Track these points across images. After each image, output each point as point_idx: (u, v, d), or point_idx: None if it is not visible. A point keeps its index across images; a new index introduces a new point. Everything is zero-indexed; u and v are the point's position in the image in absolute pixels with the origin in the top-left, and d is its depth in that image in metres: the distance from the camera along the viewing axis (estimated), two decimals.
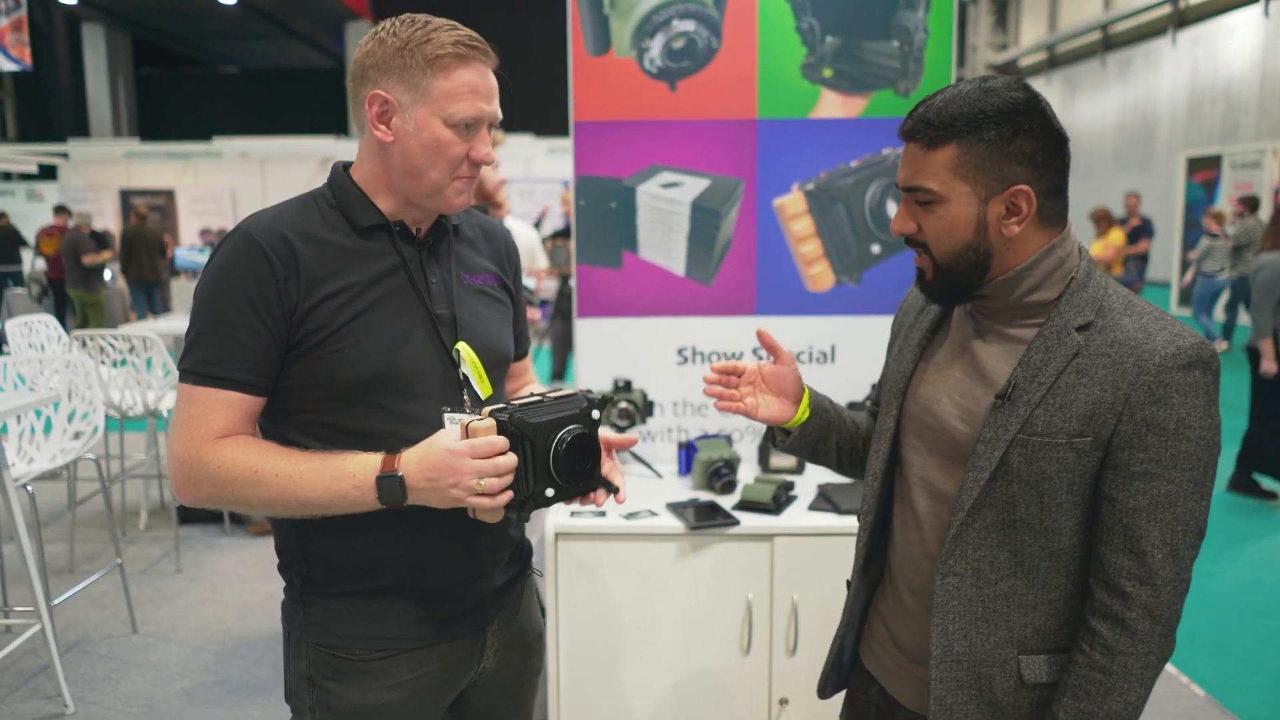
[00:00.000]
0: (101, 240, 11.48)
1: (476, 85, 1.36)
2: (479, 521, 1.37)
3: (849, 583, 1.56)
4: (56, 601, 3.45)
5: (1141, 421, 1.20)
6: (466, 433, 1.29)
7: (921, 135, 1.27)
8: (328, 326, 1.35)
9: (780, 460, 2.92)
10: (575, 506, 1.96)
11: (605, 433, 1.48)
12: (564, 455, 1.33)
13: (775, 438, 1.60)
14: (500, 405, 1.33)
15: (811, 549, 2.54)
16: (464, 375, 1.45)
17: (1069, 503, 1.26)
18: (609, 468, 1.46)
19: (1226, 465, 5.73)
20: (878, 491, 1.47)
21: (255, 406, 1.37)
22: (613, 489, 1.44)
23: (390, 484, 1.29)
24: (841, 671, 1.59)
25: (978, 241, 1.27)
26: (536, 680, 1.72)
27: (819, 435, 1.58)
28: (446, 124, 1.36)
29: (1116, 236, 9.27)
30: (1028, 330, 1.30)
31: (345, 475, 1.30)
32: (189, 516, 5.07)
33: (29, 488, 3.32)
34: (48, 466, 3.52)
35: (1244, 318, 12.27)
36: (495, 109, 1.40)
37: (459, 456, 1.26)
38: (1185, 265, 10.68)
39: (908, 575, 1.43)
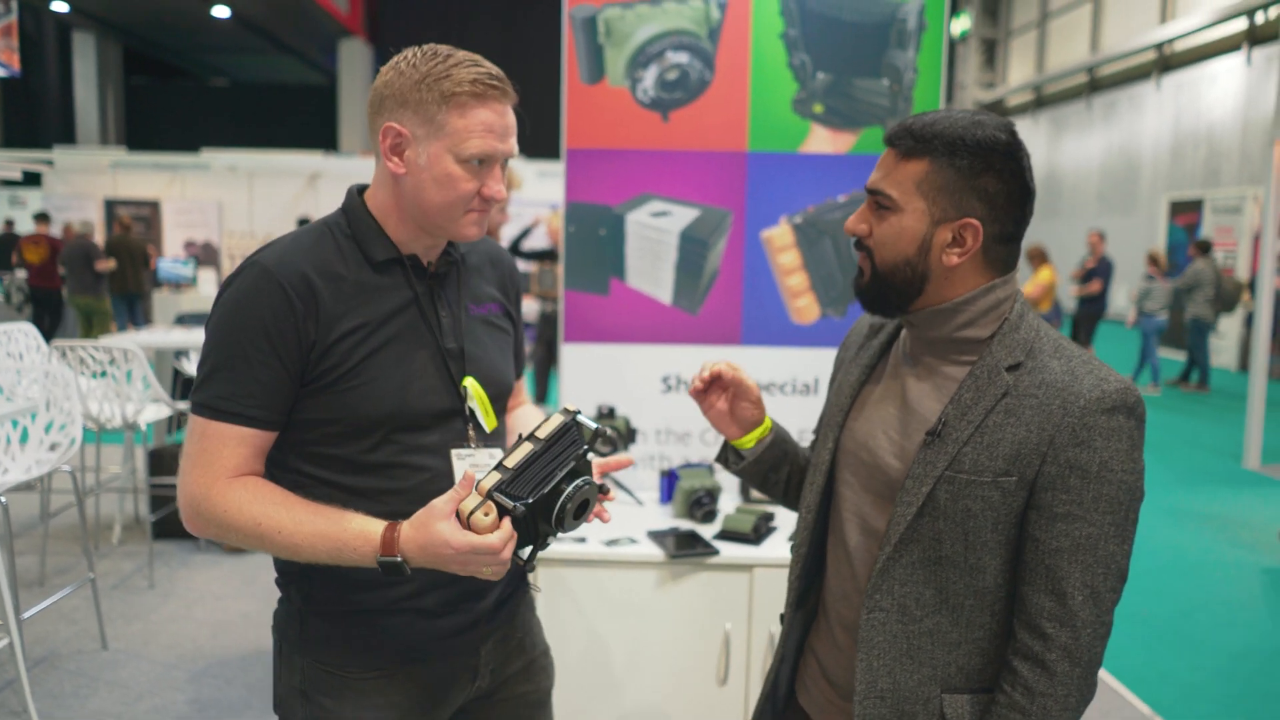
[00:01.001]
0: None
1: (491, 124, 1.37)
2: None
3: (782, 616, 1.56)
4: (26, 615, 3.39)
5: (1065, 463, 1.22)
6: (466, 522, 1.25)
7: (901, 142, 1.29)
8: (344, 364, 1.36)
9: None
10: None
11: (598, 461, 1.49)
12: (569, 516, 1.34)
13: (728, 459, 1.61)
14: (499, 479, 1.28)
15: None
16: (470, 410, 1.46)
17: (994, 541, 1.26)
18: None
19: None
20: (811, 524, 1.47)
21: (267, 441, 1.38)
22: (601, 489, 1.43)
23: (392, 567, 1.30)
24: (776, 707, 1.58)
25: (917, 260, 1.29)
26: (549, 700, 1.70)
27: (773, 464, 1.58)
28: (458, 160, 1.36)
29: (1045, 275, 9.43)
30: (960, 368, 1.32)
31: (347, 547, 1.31)
32: (164, 532, 5.01)
33: (2, 499, 3.28)
34: (22, 478, 3.47)
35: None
36: (510, 146, 1.40)
37: (464, 553, 1.24)
38: (1140, 307, 10.84)
39: (839, 610, 1.43)
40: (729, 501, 2.93)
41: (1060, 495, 1.22)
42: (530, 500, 1.29)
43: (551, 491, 1.32)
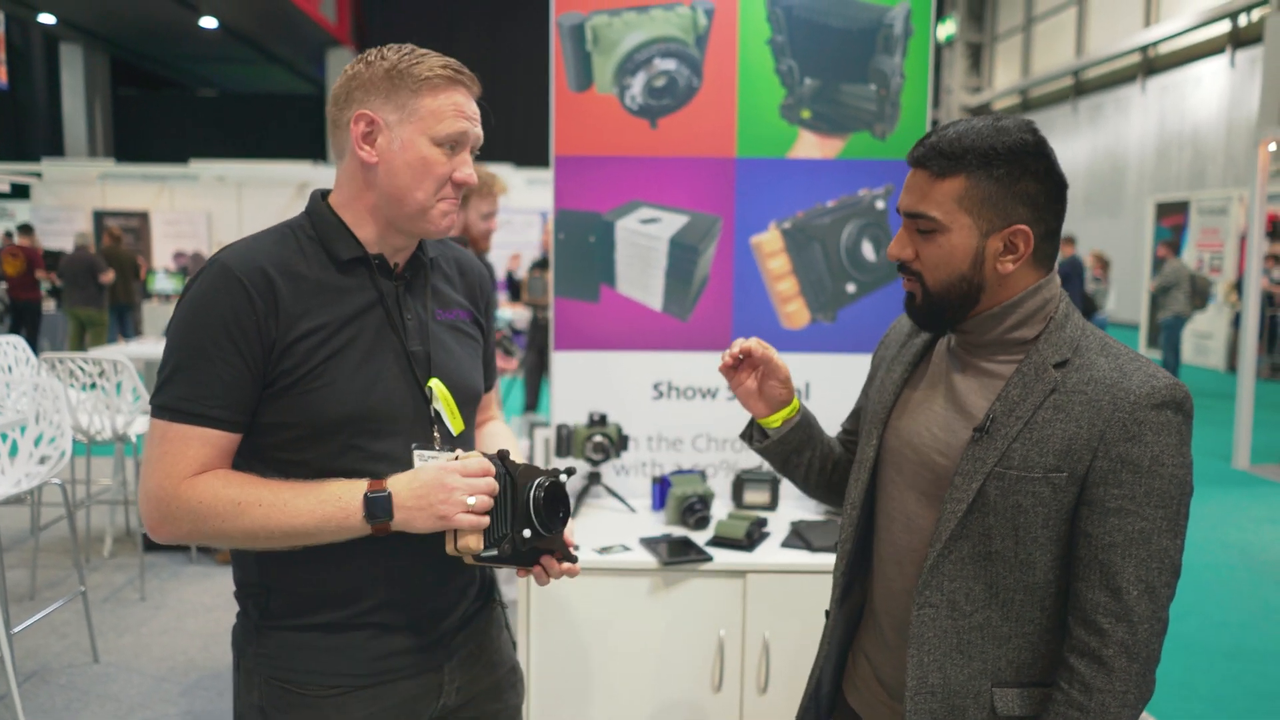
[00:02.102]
0: (55, 260, 11.55)
1: (462, 106, 1.39)
2: (441, 557, 1.36)
3: (827, 613, 1.56)
4: (17, 629, 3.38)
5: (1116, 458, 1.22)
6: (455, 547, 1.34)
7: (932, 163, 1.29)
8: (304, 365, 1.34)
9: (754, 497, 2.92)
10: None
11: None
12: (544, 499, 1.35)
13: (753, 436, 1.61)
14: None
15: (784, 586, 2.55)
16: (436, 412, 1.45)
17: (1044, 537, 1.27)
18: (568, 532, 1.47)
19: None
20: (856, 521, 1.48)
21: (232, 443, 1.35)
22: (570, 557, 1.46)
23: (378, 501, 1.29)
24: (820, 705, 1.58)
25: (972, 274, 1.30)
26: (519, 717, 1.69)
27: (796, 446, 1.58)
28: (433, 142, 1.37)
29: None
30: (1006, 366, 1.33)
31: (331, 498, 1.30)
32: (155, 544, 4.99)
33: None
34: (12, 491, 3.46)
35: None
36: (479, 132, 1.43)
37: (450, 474, 1.29)
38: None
39: (888, 608, 1.43)
40: (721, 508, 2.94)
41: (1113, 490, 1.23)
42: (514, 462, 1.37)
43: (529, 468, 1.38)
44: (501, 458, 1.37)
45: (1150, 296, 11.06)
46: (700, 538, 2.69)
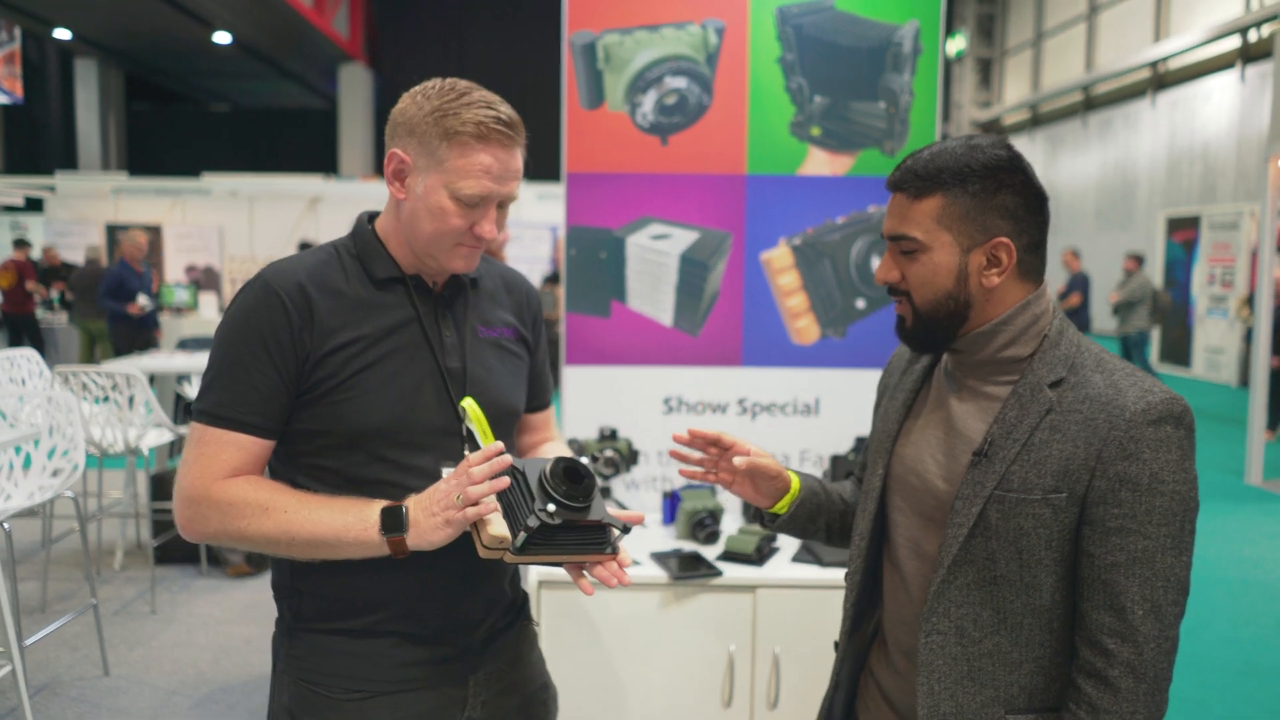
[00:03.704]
0: (67, 272, 11.61)
1: (489, 167, 1.38)
2: (469, 569, 1.36)
3: (836, 644, 1.56)
4: (28, 642, 3.39)
5: (1114, 477, 1.22)
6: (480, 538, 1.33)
7: (909, 185, 1.31)
8: (337, 376, 1.39)
9: None
10: None
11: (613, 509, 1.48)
12: (559, 471, 1.33)
13: (764, 519, 1.62)
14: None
15: (794, 601, 2.54)
16: (468, 430, 1.46)
17: (1048, 559, 1.26)
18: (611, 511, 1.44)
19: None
20: (864, 552, 1.48)
21: (265, 449, 1.40)
22: (622, 527, 1.39)
23: (393, 514, 1.32)
24: None
25: (958, 290, 1.30)
26: None
27: (809, 516, 1.59)
28: (452, 197, 1.39)
29: None
30: (1002, 388, 1.33)
31: (352, 510, 1.34)
32: (166, 557, 5.01)
33: (5, 525, 3.28)
34: (25, 504, 3.48)
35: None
36: (509, 190, 1.42)
37: (445, 481, 1.32)
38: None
39: (897, 635, 1.43)
40: (731, 523, 2.94)
41: (1112, 509, 1.22)
42: (521, 458, 1.35)
43: (539, 459, 1.37)
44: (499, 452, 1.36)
45: (1113, 309, 11.02)
46: (710, 552, 2.69)
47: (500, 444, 1.33)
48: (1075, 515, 1.25)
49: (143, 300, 8.78)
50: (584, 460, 1.40)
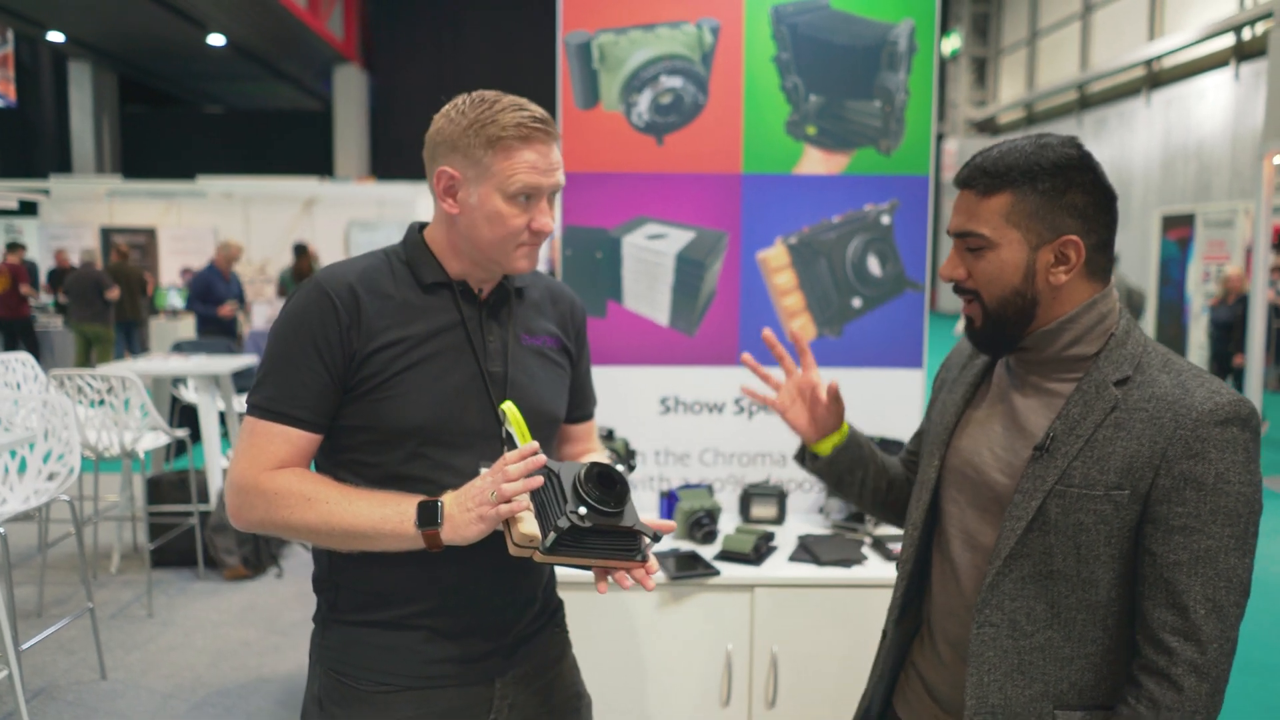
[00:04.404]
0: (61, 277, 11.60)
1: (534, 162, 1.44)
2: (501, 570, 1.40)
3: (884, 632, 1.56)
4: (25, 646, 3.38)
5: (1179, 476, 1.21)
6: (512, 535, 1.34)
7: (977, 183, 1.31)
8: (381, 374, 1.44)
9: (761, 511, 2.93)
10: None
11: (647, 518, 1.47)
12: (593, 476, 1.34)
13: (805, 458, 1.64)
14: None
15: (792, 600, 2.54)
16: (507, 433, 1.49)
17: (1106, 555, 1.26)
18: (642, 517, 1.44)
19: None
20: (917, 541, 1.49)
21: (312, 443, 1.45)
22: (653, 535, 1.38)
23: (429, 508, 1.35)
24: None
25: (1025, 288, 1.30)
26: None
27: (849, 466, 1.61)
28: (505, 198, 1.43)
29: None
30: (1066, 385, 1.33)
31: (390, 503, 1.38)
32: (162, 560, 5.00)
33: (1, 529, 3.27)
34: (21, 508, 3.47)
35: None
36: (556, 180, 1.48)
37: (483, 477, 1.35)
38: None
39: (945, 626, 1.44)
40: (729, 522, 2.94)
41: (1176, 508, 1.22)
42: (556, 460, 1.38)
43: (574, 463, 1.39)
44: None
45: None
46: (708, 552, 2.69)
47: (535, 443, 1.35)
48: (1137, 513, 1.25)
49: (232, 304, 8.95)
50: (619, 467, 1.40)
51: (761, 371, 1.66)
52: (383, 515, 1.36)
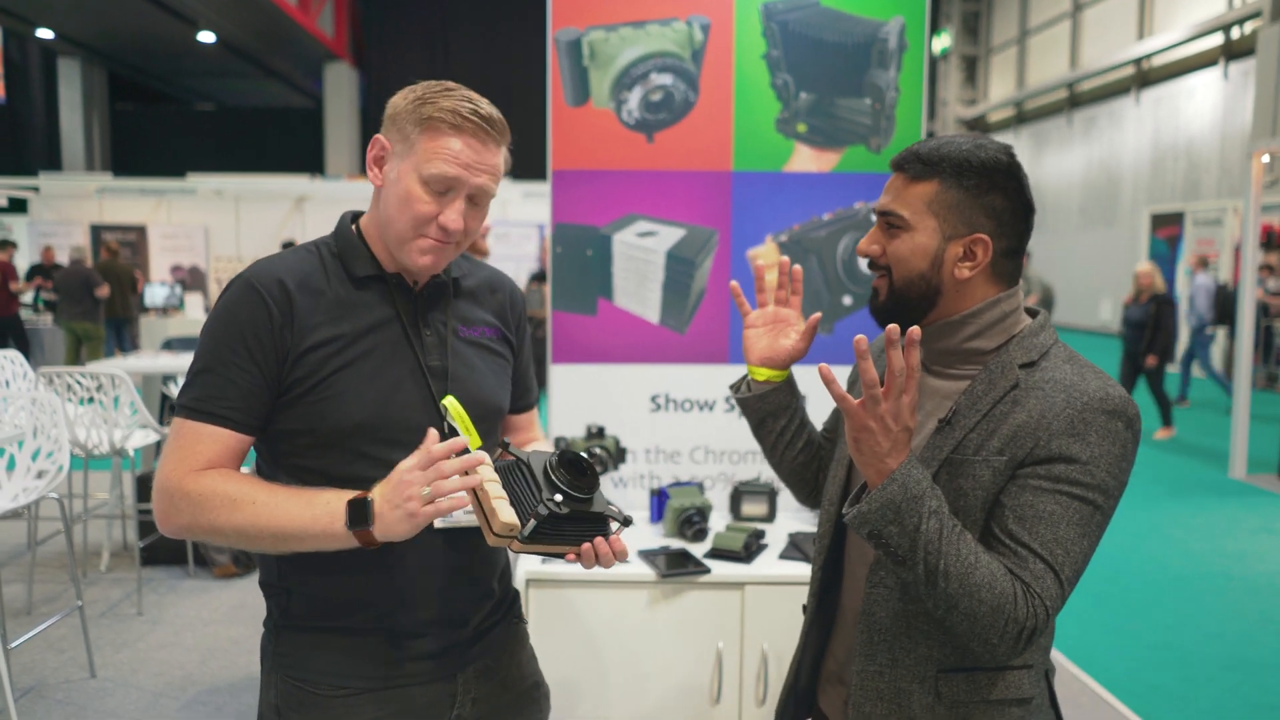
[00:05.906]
0: (48, 274, 11.55)
1: (459, 153, 1.39)
2: (456, 566, 1.37)
3: (805, 608, 1.59)
4: (13, 645, 3.37)
5: (1055, 449, 1.25)
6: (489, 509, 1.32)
7: (910, 167, 1.36)
8: (316, 374, 1.39)
9: (751, 509, 2.93)
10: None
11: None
12: (563, 463, 1.35)
13: (739, 386, 1.66)
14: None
15: (782, 597, 2.55)
16: (450, 427, 1.46)
17: (982, 521, 1.30)
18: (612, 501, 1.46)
19: None
20: (834, 517, 1.51)
21: (242, 444, 1.40)
22: (623, 519, 1.40)
23: (359, 506, 1.29)
24: (798, 699, 1.59)
25: (931, 275, 1.35)
26: None
27: (775, 410, 1.62)
28: (420, 180, 1.39)
29: None
30: (966, 376, 1.37)
31: (320, 503, 1.32)
32: (152, 558, 4.98)
33: None
34: (10, 506, 3.45)
35: None
36: (480, 182, 1.41)
37: (409, 471, 1.26)
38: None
39: (853, 603, 1.46)
40: (719, 520, 2.94)
41: (1040, 472, 1.25)
42: (524, 449, 1.37)
43: (541, 452, 1.38)
44: (503, 445, 1.39)
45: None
46: (698, 550, 2.69)
47: (464, 440, 1.29)
48: (1008, 479, 1.28)
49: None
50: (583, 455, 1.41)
51: (745, 306, 1.66)
52: (313, 515, 1.31)
